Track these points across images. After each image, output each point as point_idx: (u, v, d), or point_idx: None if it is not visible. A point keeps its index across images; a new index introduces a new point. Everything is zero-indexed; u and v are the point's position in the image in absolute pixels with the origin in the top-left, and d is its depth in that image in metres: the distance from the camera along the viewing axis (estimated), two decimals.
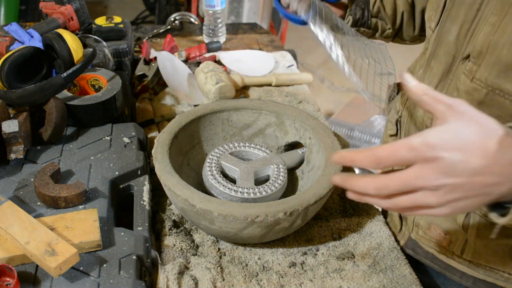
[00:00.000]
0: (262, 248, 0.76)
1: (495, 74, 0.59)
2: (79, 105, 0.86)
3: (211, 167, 0.79)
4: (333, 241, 0.78)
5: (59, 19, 1.10)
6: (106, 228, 0.68)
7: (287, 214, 0.66)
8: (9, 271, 0.60)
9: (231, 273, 0.71)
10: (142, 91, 1.13)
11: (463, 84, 0.63)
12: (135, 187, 0.79)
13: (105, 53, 1.04)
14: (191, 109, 0.87)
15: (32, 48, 0.86)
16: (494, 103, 0.61)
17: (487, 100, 0.61)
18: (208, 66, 1.13)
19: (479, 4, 0.61)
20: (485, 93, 0.61)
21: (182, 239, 0.75)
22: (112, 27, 1.13)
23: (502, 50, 0.57)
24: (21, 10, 2.69)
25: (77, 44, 0.89)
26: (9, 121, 0.77)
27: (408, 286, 0.70)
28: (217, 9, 1.38)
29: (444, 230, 0.74)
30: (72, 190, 0.71)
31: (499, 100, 0.60)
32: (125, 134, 0.87)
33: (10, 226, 0.64)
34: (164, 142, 0.77)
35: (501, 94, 0.60)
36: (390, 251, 0.76)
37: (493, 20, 0.58)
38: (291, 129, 0.88)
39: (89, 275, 0.62)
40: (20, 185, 0.75)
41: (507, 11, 0.56)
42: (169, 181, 0.70)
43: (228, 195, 0.74)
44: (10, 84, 0.83)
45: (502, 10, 0.57)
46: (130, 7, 3.89)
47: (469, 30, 0.63)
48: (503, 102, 0.60)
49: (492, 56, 0.59)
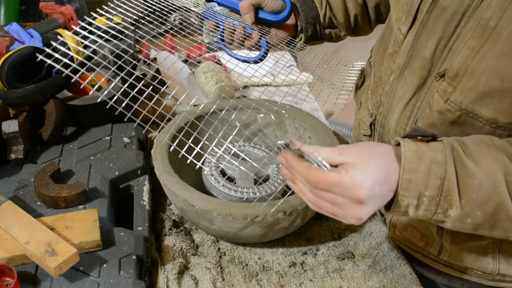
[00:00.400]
0: (262, 248, 0.76)
1: (471, 99, 0.58)
2: (79, 105, 0.87)
3: (211, 167, 0.79)
4: (333, 241, 0.78)
5: (59, 19, 1.10)
6: (106, 228, 0.68)
7: (287, 214, 0.66)
8: (9, 271, 0.60)
9: (231, 273, 0.71)
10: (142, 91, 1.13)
11: (437, 104, 0.63)
12: (135, 187, 0.79)
13: (105, 53, 1.04)
14: (191, 109, 0.87)
15: (32, 48, 0.87)
16: (466, 123, 0.61)
17: (459, 121, 0.61)
18: (208, 66, 1.13)
19: (457, 21, 0.59)
20: (458, 115, 0.61)
21: (182, 239, 0.75)
22: (112, 27, 1.13)
23: (481, 78, 0.56)
24: (21, 10, 2.69)
25: (77, 44, 0.89)
26: (9, 121, 0.77)
27: (408, 286, 0.70)
28: (217, 9, 1.37)
29: (421, 232, 0.75)
30: (72, 190, 0.71)
31: (471, 121, 0.60)
32: (125, 134, 0.87)
33: (10, 226, 0.64)
34: (164, 142, 0.77)
35: (474, 117, 0.59)
36: (390, 251, 0.76)
37: (472, 44, 0.57)
38: (291, 128, 0.87)
39: (89, 275, 0.62)
40: (20, 185, 0.75)
41: (488, 37, 0.55)
42: (169, 181, 0.70)
43: (227, 195, 0.74)
44: (10, 84, 0.83)
45: (483, 35, 0.55)
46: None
47: (446, 46, 0.61)
48: (475, 123, 0.60)
49: (469, 81, 0.58)
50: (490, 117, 0.58)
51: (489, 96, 0.57)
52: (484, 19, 0.55)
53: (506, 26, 0.53)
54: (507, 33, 0.53)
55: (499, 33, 0.54)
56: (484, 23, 0.55)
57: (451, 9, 0.59)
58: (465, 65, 0.58)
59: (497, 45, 0.54)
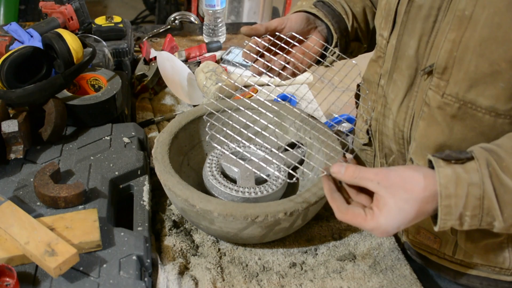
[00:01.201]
0: (262, 248, 0.76)
1: (466, 88, 0.60)
2: (79, 105, 0.86)
3: (211, 167, 0.79)
4: (334, 241, 0.78)
5: (59, 19, 1.10)
6: (106, 228, 0.68)
7: (288, 214, 0.66)
8: (8, 271, 0.60)
9: (231, 274, 0.71)
10: (142, 91, 1.13)
11: (434, 100, 0.64)
12: (135, 187, 0.79)
13: (105, 53, 1.04)
14: (191, 109, 0.87)
15: (31, 47, 0.86)
16: (467, 116, 0.62)
17: (459, 113, 0.62)
18: (208, 66, 1.13)
19: (434, 16, 0.61)
20: (458, 107, 0.62)
21: (182, 239, 0.75)
22: (112, 27, 1.13)
23: (469, 66, 0.58)
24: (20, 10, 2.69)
25: (77, 44, 0.89)
26: (8, 121, 0.77)
27: (408, 286, 0.70)
28: (217, 8, 1.37)
29: (434, 234, 0.75)
30: (72, 190, 0.71)
31: (471, 113, 0.61)
32: (125, 134, 0.87)
33: (9, 226, 0.64)
34: (164, 142, 0.77)
35: (473, 107, 0.60)
36: (391, 251, 0.76)
37: (452, 36, 0.58)
38: (291, 129, 0.87)
39: (89, 276, 0.62)
40: (19, 185, 0.75)
41: (466, 26, 0.57)
42: (169, 181, 0.70)
43: (228, 195, 0.74)
44: (9, 84, 0.83)
45: (461, 26, 0.57)
46: (130, 6, 3.89)
47: (428, 42, 0.63)
48: (476, 114, 0.61)
49: (459, 72, 0.59)
50: (489, 105, 0.59)
51: (482, 82, 0.58)
52: (459, 10, 0.57)
53: (482, 13, 0.55)
54: (484, 19, 0.55)
55: (476, 21, 0.56)
56: (460, 14, 0.57)
57: (427, 5, 0.62)
58: (452, 57, 0.59)
59: (476, 33, 0.56)
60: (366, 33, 0.85)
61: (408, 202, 0.53)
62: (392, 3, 0.68)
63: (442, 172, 0.52)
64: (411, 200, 0.53)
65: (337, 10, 0.80)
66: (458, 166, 0.53)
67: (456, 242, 0.72)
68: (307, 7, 0.80)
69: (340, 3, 0.81)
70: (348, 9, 0.81)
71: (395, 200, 0.53)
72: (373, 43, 0.88)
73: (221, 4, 1.37)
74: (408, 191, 0.53)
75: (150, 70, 1.16)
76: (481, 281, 0.75)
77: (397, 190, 0.53)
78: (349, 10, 0.81)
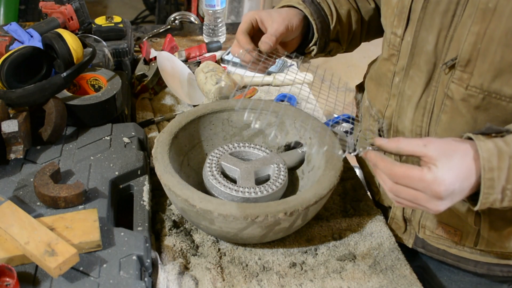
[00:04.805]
0: (262, 248, 0.76)
1: (490, 79, 0.61)
2: (79, 105, 0.86)
3: (212, 167, 0.79)
4: (334, 241, 0.78)
5: (59, 19, 1.10)
6: (106, 228, 0.68)
7: (288, 214, 0.66)
8: (8, 271, 0.60)
9: (231, 274, 0.71)
10: (142, 91, 1.13)
11: (457, 93, 0.64)
12: (135, 187, 0.79)
13: (105, 53, 1.04)
14: (191, 109, 0.87)
15: (31, 47, 0.86)
16: (491, 106, 0.62)
17: (483, 104, 0.63)
18: (208, 66, 1.13)
19: (453, 11, 0.62)
20: (482, 98, 0.62)
21: (182, 239, 0.75)
22: (112, 27, 1.13)
23: (495, 56, 0.59)
24: (20, 10, 2.69)
25: (77, 44, 0.89)
26: (8, 121, 0.77)
27: (408, 286, 0.70)
28: (217, 8, 1.37)
29: (454, 227, 0.75)
30: (72, 190, 0.71)
31: (495, 102, 0.62)
32: (125, 134, 0.87)
33: (9, 226, 0.64)
34: (164, 142, 0.77)
35: (497, 97, 0.61)
36: (391, 251, 0.76)
37: (476, 29, 0.59)
38: (291, 129, 0.87)
39: (89, 275, 0.62)
40: (19, 185, 0.75)
41: (490, 19, 0.57)
42: (169, 181, 0.70)
43: (229, 195, 0.74)
44: (9, 84, 0.83)
45: (484, 18, 0.58)
46: (130, 6, 3.89)
47: (447, 36, 0.64)
48: (500, 103, 0.62)
49: (484, 63, 0.60)
50: None
51: (508, 71, 0.59)
52: (482, 3, 0.58)
53: (507, 5, 0.56)
54: (509, 10, 0.56)
55: (501, 13, 0.56)
56: (483, 7, 0.58)
57: (445, 0, 0.62)
58: (476, 50, 0.60)
59: (501, 24, 0.57)
60: (347, 35, 0.86)
61: (458, 158, 0.53)
62: (406, 0, 0.68)
63: (483, 146, 0.53)
64: (461, 153, 0.53)
65: (323, 10, 0.81)
66: (499, 140, 0.54)
67: (478, 232, 0.73)
68: (295, 2, 0.81)
69: (327, 2, 0.82)
70: (334, 10, 0.82)
71: (446, 157, 0.53)
72: (352, 45, 0.90)
73: (221, 4, 1.37)
74: (456, 151, 0.53)
75: (150, 70, 1.16)
76: (501, 268, 0.76)
77: (446, 150, 0.53)
78: (335, 11, 0.82)
